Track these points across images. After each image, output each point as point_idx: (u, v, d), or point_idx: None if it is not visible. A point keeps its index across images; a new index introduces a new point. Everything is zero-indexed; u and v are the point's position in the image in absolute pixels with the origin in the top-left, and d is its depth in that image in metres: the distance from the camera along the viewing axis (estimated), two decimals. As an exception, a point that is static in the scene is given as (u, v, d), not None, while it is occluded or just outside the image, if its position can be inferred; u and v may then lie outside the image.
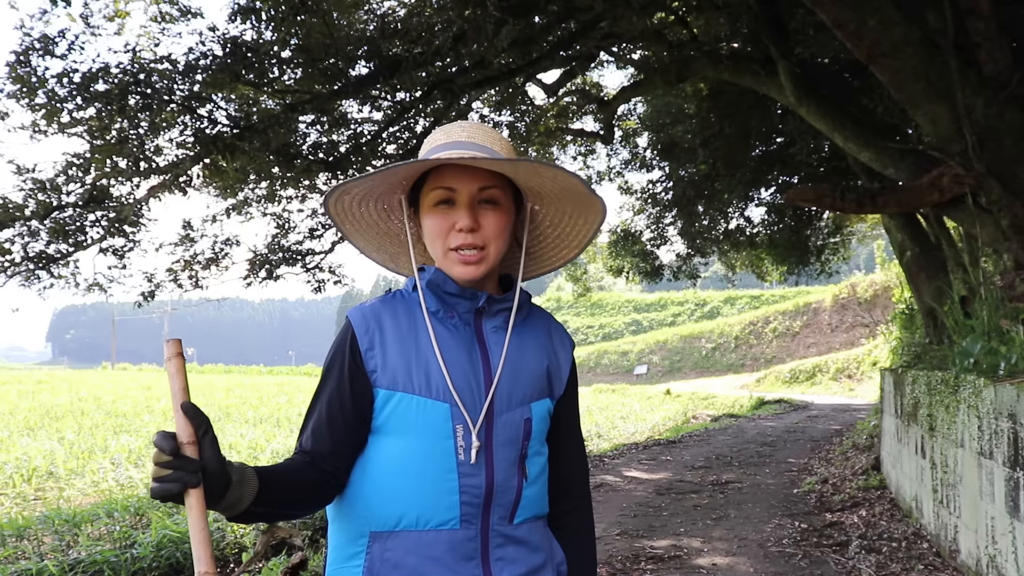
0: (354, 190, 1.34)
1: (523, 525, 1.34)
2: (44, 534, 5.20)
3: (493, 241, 1.32)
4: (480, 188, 1.31)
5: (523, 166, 1.29)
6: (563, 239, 1.48)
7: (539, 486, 1.37)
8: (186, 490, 1.05)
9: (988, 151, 4.86)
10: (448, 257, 1.32)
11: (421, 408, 1.27)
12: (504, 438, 1.31)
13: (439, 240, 1.33)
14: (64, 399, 19.40)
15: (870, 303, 31.35)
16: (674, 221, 13.03)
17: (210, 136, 7.25)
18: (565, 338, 1.48)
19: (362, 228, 1.45)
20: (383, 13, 8.06)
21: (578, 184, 1.32)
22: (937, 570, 4.42)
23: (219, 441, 1.17)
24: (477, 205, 1.32)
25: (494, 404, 1.31)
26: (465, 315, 1.35)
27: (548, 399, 1.40)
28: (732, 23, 8.81)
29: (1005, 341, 4.07)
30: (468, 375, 1.31)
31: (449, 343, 1.32)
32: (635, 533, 5.63)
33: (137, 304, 8.62)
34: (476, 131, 1.37)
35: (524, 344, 1.39)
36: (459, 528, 1.27)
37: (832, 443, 10.59)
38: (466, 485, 1.27)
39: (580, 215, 1.42)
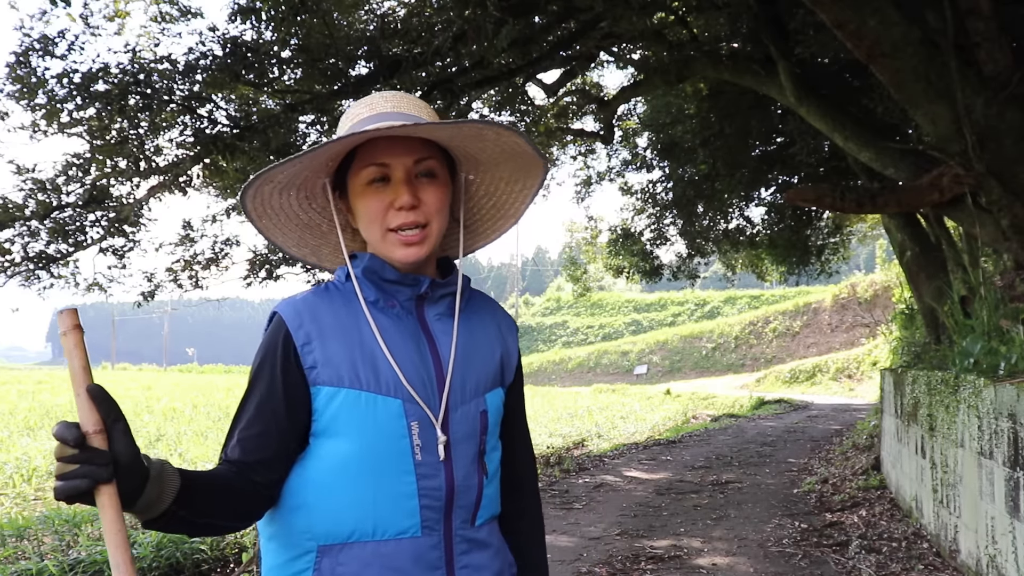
0: (278, 177, 1.19)
1: (484, 527, 1.25)
2: (44, 534, 5.19)
3: (435, 217, 1.21)
4: (416, 160, 1.19)
5: (468, 128, 1.17)
6: (499, 208, 1.37)
7: (496, 483, 1.29)
8: (96, 487, 0.91)
9: (988, 151, 4.86)
10: (387, 240, 1.20)
11: (371, 405, 1.15)
12: (462, 433, 1.21)
13: (376, 222, 1.20)
14: (64, 399, 19.39)
15: (870, 303, 31.36)
16: (674, 221, 13.03)
17: (210, 136, 7.25)
18: (510, 321, 1.39)
19: (281, 222, 1.30)
20: (383, 13, 8.06)
21: (522, 142, 1.21)
22: (937, 570, 4.42)
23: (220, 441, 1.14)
24: (414, 180, 1.20)
25: (449, 397, 1.21)
26: (406, 303, 1.24)
27: (500, 388, 1.30)
28: (732, 23, 8.81)
29: (1005, 341, 4.08)
30: (418, 367, 1.19)
31: (394, 334, 1.20)
32: (635, 533, 5.63)
33: (137, 304, 8.62)
34: (401, 100, 1.26)
35: (472, 331, 1.29)
36: (420, 535, 1.16)
37: (832, 443, 10.59)
38: (425, 488, 1.16)
39: (518, 179, 1.31)
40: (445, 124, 1.14)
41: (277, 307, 1.21)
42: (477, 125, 1.17)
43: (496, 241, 1.41)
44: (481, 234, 1.40)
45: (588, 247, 15.34)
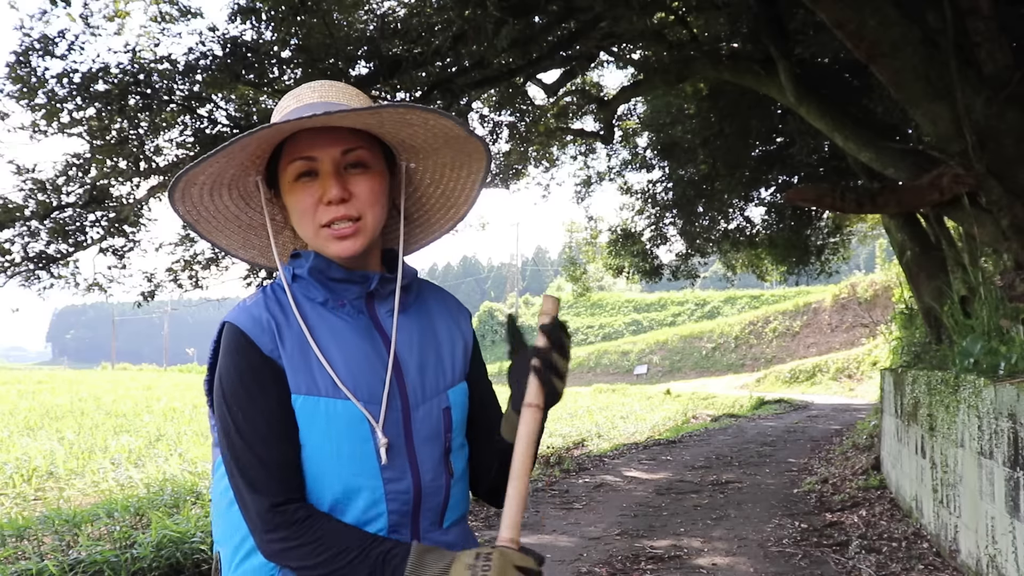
0: (199, 178, 1.14)
1: (452, 529, 1.21)
2: (44, 534, 5.19)
3: (369, 209, 1.15)
4: (344, 151, 1.14)
5: (388, 113, 1.10)
6: (448, 197, 1.31)
7: (464, 483, 1.24)
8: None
9: (988, 151, 4.86)
10: (320, 235, 1.15)
11: (331, 410, 1.10)
12: (425, 433, 1.17)
13: (307, 218, 1.15)
14: (64, 399, 19.39)
15: (870, 303, 31.36)
16: (674, 221, 13.04)
17: (210, 136, 7.25)
18: (463, 310, 1.34)
19: (220, 224, 1.24)
20: (383, 13, 8.06)
21: (453, 126, 1.15)
22: (937, 570, 4.42)
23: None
24: (343, 172, 1.15)
25: (407, 397, 1.16)
26: (356, 302, 1.19)
27: (464, 382, 1.26)
28: (732, 23, 8.82)
29: (1005, 341, 4.08)
30: (375, 367, 1.15)
31: (347, 335, 1.16)
32: (635, 533, 5.63)
33: (137, 304, 8.62)
34: (329, 90, 1.21)
35: (426, 325, 1.24)
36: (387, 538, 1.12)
37: (832, 443, 10.59)
38: (392, 491, 1.12)
39: (462, 165, 1.26)
40: (361, 110, 1.08)
41: (231, 318, 1.14)
42: (399, 109, 1.10)
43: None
44: (434, 225, 1.34)
45: (588, 247, 15.35)
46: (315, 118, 1.08)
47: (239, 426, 1.10)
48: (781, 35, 7.17)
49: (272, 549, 1.08)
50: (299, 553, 1.06)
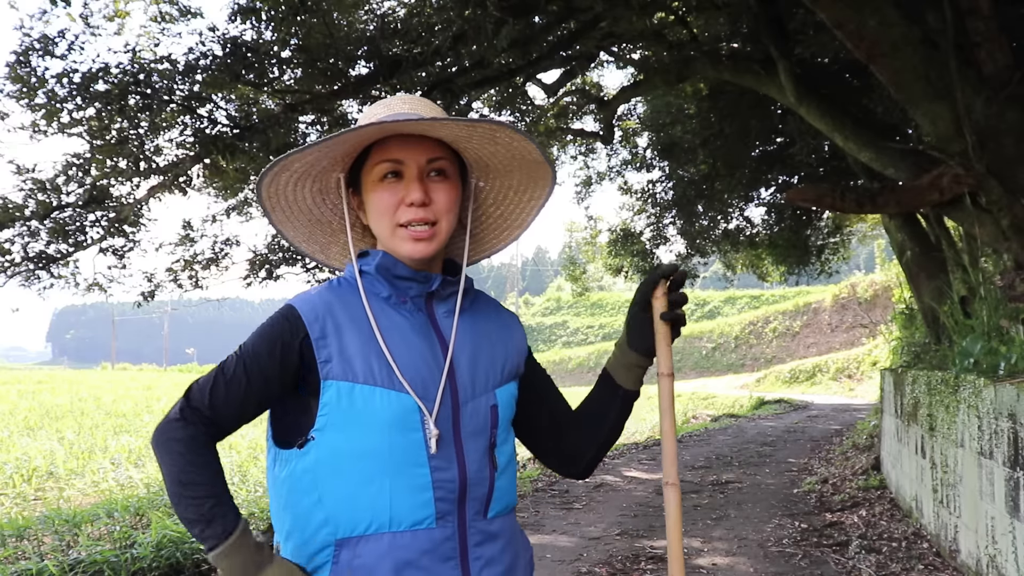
0: (294, 165, 1.23)
1: (497, 519, 1.27)
2: (44, 534, 5.19)
3: (444, 216, 1.24)
4: (429, 160, 1.23)
5: (482, 127, 1.20)
6: (505, 218, 1.40)
7: (508, 476, 1.30)
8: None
9: (988, 151, 4.86)
10: (397, 234, 1.23)
11: (385, 400, 1.17)
12: (472, 427, 1.23)
13: (386, 216, 1.23)
14: (64, 399, 19.39)
15: (870, 303, 31.36)
16: (674, 221, 13.03)
17: (210, 136, 7.25)
18: (514, 317, 1.42)
19: (293, 215, 1.34)
20: (383, 13, 8.05)
21: (533, 150, 1.25)
22: (937, 570, 4.42)
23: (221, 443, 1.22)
24: (426, 178, 1.23)
25: (458, 392, 1.23)
26: (416, 300, 1.26)
27: (513, 383, 1.33)
28: (732, 23, 8.82)
29: (1005, 341, 4.07)
30: (429, 363, 1.22)
31: (406, 331, 1.23)
32: (635, 533, 5.63)
33: (137, 304, 8.62)
34: (418, 103, 1.29)
35: (479, 328, 1.31)
36: (435, 527, 1.19)
37: (832, 443, 10.59)
38: (439, 480, 1.19)
39: (527, 188, 1.34)
40: (460, 120, 1.17)
41: (292, 301, 1.24)
42: (491, 126, 1.20)
43: (518, 238, 1.44)
44: (486, 243, 1.43)
45: (588, 247, 15.34)
46: (421, 122, 1.16)
47: (228, 360, 1.22)
48: (781, 35, 7.17)
49: (160, 431, 1.21)
50: (166, 449, 1.19)
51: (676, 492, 1.29)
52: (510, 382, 1.32)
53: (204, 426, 1.20)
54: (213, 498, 1.17)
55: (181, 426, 1.19)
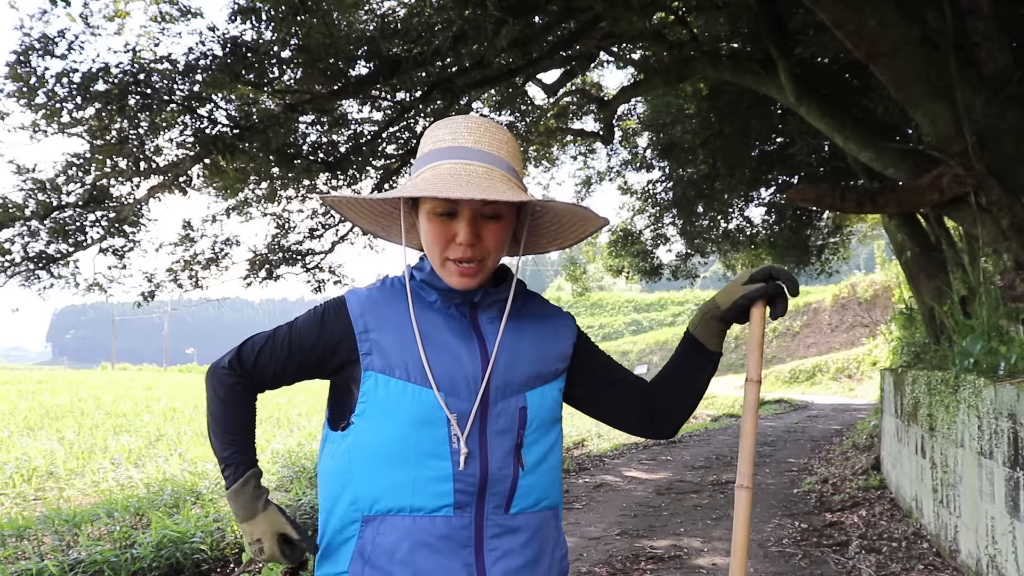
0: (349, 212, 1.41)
1: (521, 515, 1.32)
2: (44, 534, 5.19)
3: (493, 253, 1.32)
4: (484, 202, 1.28)
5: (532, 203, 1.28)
6: (559, 234, 1.47)
7: (540, 475, 1.34)
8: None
9: (988, 151, 4.86)
10: (446, 267, 1.31)
11: (416, 395, 1.26)
12: (498, 427, 1.30)
13: (437, 248, 1.31)
14: (64, 399, 19.39)
15: (870, 303, 31.35)
16: (674, 221, 13.03)
17: (210, 136, 7.25)
18: (562, 317, 1.47)
19: (363, 213, 1.45)
20: (383, 13, 8.06)
21: (585, 212, 1.33)
22: (937, 570, 4.42)
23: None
24: (479, 219, 1.29)
25: (489, 394, 1.30)
26: (461, 307, 1.35)
27: (552, 383, 1.38)
28: (732, 23, 8.81)
29: (1005, 341, 4.07)
30: (465, 365, 1.30)
31: (447, 334, 1.32)
32: (635, 533, 5.63)
33: (137, 304, 8.62)
34: (483, 134, 1.32)
35: (521, 333, 1.37)
36: (453, 515, 1.26)
37: (832, 443, 10.59)
38: (460, 473, 1.26)
39: (580, 224, 1.41)
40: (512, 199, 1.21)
41: (345, 294, 1.37)
42: (544, 203, 1.30)
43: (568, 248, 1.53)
44: (537, 247, 1.51)
45: (588, 247, 15.34)
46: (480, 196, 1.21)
47: (281, 329, 1.38)
48: (781, 35, 7.17)
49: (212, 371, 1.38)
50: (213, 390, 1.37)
51: (748, 495, 1.34)
52: (545, 385, 1.37)
53: (246, 379, 1.36)
54: (236, 445, 1.36)
55: (227, 374, 1.36)
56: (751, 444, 1.36)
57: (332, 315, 1.34)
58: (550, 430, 1.37)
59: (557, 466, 1.39)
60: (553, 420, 1.38)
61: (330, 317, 1.34)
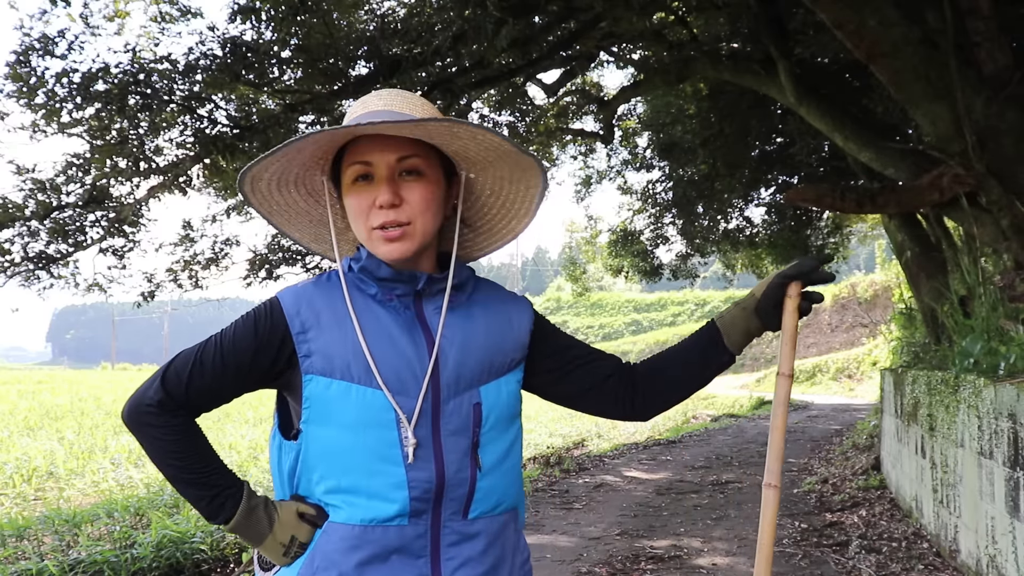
0: (263, 174, 1.23)
1: (480, 520, 1.24)
2: (44, 534, 5.19)
3: (420, 215, 1.21)
4: (399, 158, 1.20)
5: (433, 126, 1.15)
6: (508, 208, 1.36)
7: (499, 476, 1.26)
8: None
9: (988, 151, 4.86)
10: (372, 237, 1.22)
11: (361, 397, 1.17)
12: (452, 426, 1.21)
13: (360, 219, 1.22)
14: (64, 399, 19.39)
15: (870, 303, 31.34)
16: (674, 221, 13.03)
17: (210, 136, 7.25)
18: (518, 303, 1.37)
19: (293, 218, 1.34)
20: (383, 13, 8.06)
21: (503, 143, 1.21)
22: (937, 570, 4.42)
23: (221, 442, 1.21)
24: (398, 178, 1.21)
25: (440, 391, 1.21)
26: (404, 298, 1.25)
27: (509, 375, 1.29)
28: (732, 23, 8.82)
29: (1005, 341, 4.07)
30: (411, 361, 1.20)
31: (391, 328, 1.22)
32: (635, 533, 5.63)
33: (137, 304, 8.62)
34: (394, 97, 1.26)
35: (472, 322, 1.28)
36: (407, 524, 1.18)
37: (832, 443, 10.59)
38: (414, 479, 1.17)
39: (519, 179, 1.30)
40: (405, 122, 1.13)
41: (279, 294, 1.24)
42: (446, 124, 1.15)
43: (528, 225, 1.41)
44: (496, 234, 1.41)
45: (588, 247, 15.35)
46: (359, 127, 1.14)
47: (208, 345, 1.22)
48: (781, 35, 7.17)
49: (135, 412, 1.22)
50: (146, 435, 1.21)
51: (776, 494, 1.31)
52: (501, 377, 1.28)
53: (183, 410, 1.21)
54: (214, 472, 1.22)
55: (157, 413, 1.20)
56: (780, 440, 1.30)
57: (265, 318, 1.21)
58: (508, 427, 1.28)
59: (517, 465, 1.31)
60: (511, 416, 1.29)
61: (263, 321, 1.21)
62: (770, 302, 1.31)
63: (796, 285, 1.29)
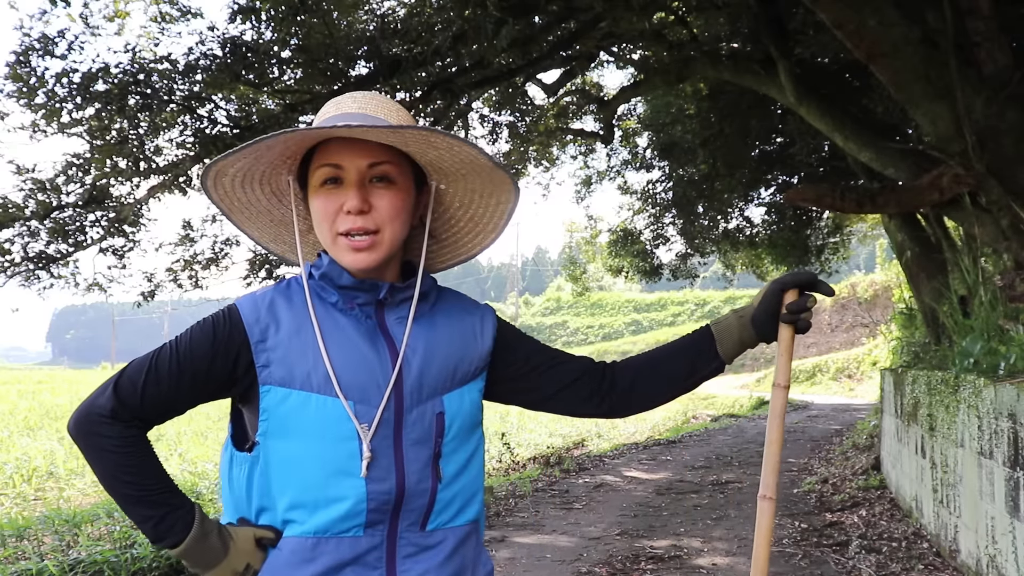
0: (228, 170, 1.19)
1: (438, 532, 1.20)
2: (44, 534, 5.19)
3: (388, 224, 1.18)
4: (370, 164, 1.17)
5: (411, 134, 1.12)
6: (476, 222, 1.33)
7: (460, 487, 1.23)
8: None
9: (988, 151, 4.86)
10: (337, 243, 1.18)
11: (321, 407, 1.14)
12: (414, 436, 1.18)
13: (326, 224, 1.18)
14: (64, 399, 19.39)
15: (870, 303, 31.33)
16: (674, 221, 13.04)
17: (210, 136, 7.25)
18: (481, 311, 1.34)
19: (254, 216, 1.31)
20: (383, 13, 8.06)
21: (479, 156, 1.18)
22: (937, 570, 4.42)
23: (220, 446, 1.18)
24: (368, 184, 1.18)
25: (403, 400, 1.18)
26: (365, 307, 1.22)
27: (471, 383, 1.26)
28: (732, 23, 8.82)
29: (1005, 341, 4.07)
30: (374, 371, 1.17)
31: (353, 337, 1.19)
32: (635, 533, 5.63)
33: (137, 304, 8.62)
34: (369, 101, 1.23)
35: (435, 331, 1.25)
36: (362, 535, 1.15)
37: (832, 443, 10.59)
38: (373, 490, 1.14)
39: (491, 194, 1.27)
40: (384, 128, 1.10)
41: (238, 302, 1.20)
42: (424, 132, 1.12)
43: (495, 242, 1.37)
44: (461, 248, 1.38)
45: (588, 247, 15.35)
46: (334, 129, 1.11)
47: (163, 353, 1.16)
48: (781, 35, 7.17)
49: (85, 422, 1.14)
50: (95, 446, 1.14)
51: (771, 507, 1.28)
52: (464, 386, 1.25)
53: (137, 420, 1.15)
54: (163, 491, 1.15)
55: (110, 424, 1.13)
56: (777, 452, 1.27)
57: (224, 326, 1.16)
58: (470, 436, 1.25)
59: (479, 476, 1.27)
60: (473, 425, 1.26)
61: (221, 329, 1.16)
62: (765, 312, 1.28)
63: (793, 293, 1.27)
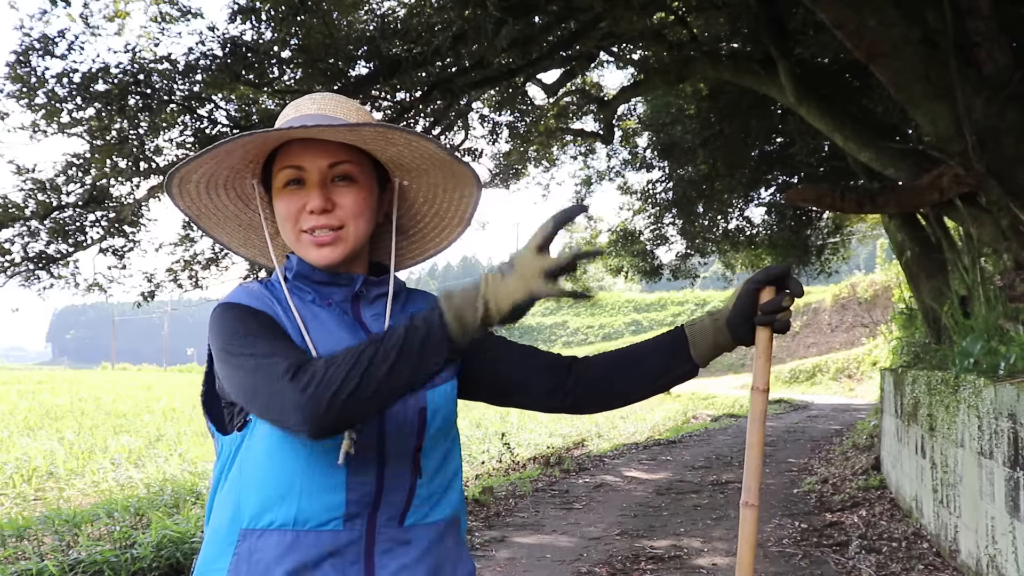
0: (192, 176, 1.20)
1: (416, 528, 1.20)
2: (44, 534, 5.20)
3: (351, 220, 1.20)
4: (331, 164, 1.18)
5: (368, 132, 1.13)
6: (441, 216, 1.34)
7: (438, 484, 1.22)
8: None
9: (988, 151, 4.86)
10: (301, 240, 1.20)
11: None
12: (397, 430, 1.18)
13: (289, 223, 1.20)
14: (64, 399, 19.40)
15: (870, 303, 31.34)
16: (674, 221, 13.04)
17: (210, 136, 7.26)
18: None
19: (222, 221, 1.32)
20: (383, 13, 8.06)
21: (438, 150, 1.19)
22: (937, 570, 4.42)
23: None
24: (330, 183, 1.19)
25: None
26: (342, 303, 1.23)
27: (447, 384, 1.26)
28: (732, 23, 8.82)
29: (1005, 341, 4.07)
30: None
31: (334, 330, 1.20)
32: (635, 533, 5.63)
33: (137, 304, 8.62)
34: (328, 102, 1.25)
35: None
36: (341, 529, 1.13)
37: (832, 443, 10.59)
38: (353, 483, 1.14)
39: (455, 187, 1.28)
40: (340, 126, 1.11)
41: (231, 296, 1.19)
42: (380, 130, 1.13)
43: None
44: (429, 242, 1.39)
45: (588, 246, 15.33)
46: (292, 130, 1.13)
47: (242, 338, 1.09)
48: (781, 35, 7.17)
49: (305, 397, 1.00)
50: (328, 376, 1.00)
51: (754, 513, 1.25)
52: (445, 383, 1.25)
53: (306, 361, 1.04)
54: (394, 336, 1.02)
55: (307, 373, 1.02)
56: (758, 457, 1.24)
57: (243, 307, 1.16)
58: (449, 432, 1.26)
59: (457, 473, 1.27)
60: (452, 421, 1.26)
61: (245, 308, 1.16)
62: (740, 314, 1.24)
63: (769, 292, 1.22)
